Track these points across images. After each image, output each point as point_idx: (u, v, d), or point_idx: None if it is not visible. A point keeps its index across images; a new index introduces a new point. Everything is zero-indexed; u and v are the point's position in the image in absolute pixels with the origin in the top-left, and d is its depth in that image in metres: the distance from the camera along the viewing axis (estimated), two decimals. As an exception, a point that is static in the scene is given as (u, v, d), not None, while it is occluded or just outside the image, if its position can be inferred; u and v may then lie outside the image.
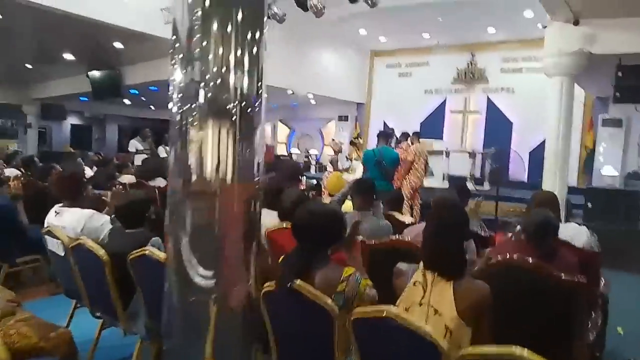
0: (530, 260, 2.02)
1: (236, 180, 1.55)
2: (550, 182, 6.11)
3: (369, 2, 6.49)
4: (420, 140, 7.78)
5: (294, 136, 16.07)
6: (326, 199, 6.25)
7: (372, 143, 13.37)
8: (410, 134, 7.48)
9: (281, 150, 15.67)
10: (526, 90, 11.17)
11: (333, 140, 8.66)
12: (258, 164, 1.68)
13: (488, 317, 1.58)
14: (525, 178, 11.48)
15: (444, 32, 11.34)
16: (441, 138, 12.22)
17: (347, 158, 7.91)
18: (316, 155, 13.96)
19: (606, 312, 2.98)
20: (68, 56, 9.71)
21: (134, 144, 8.04)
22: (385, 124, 13.40)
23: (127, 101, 14.56)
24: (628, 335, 3.71)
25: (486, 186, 10.42)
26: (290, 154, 13.82)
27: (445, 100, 12.76)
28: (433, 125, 12.62)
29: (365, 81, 13.73)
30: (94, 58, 10.07)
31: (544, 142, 6.66)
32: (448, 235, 1.65)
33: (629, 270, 5.49)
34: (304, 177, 6.79)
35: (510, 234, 2.74)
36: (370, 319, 1.49)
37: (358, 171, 7.53)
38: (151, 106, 15.54)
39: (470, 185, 10.72)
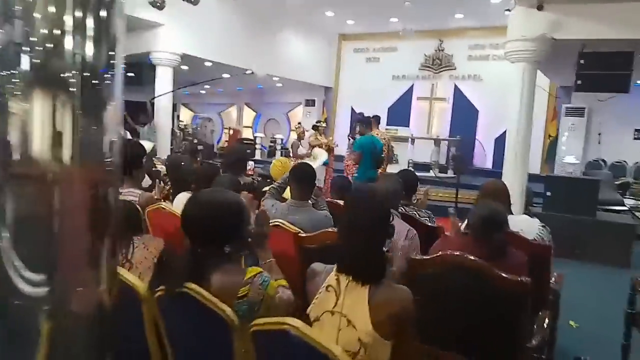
0: (472, 257, 1.81)
1: (77, 162, 1.24)
2: (511, 170, 6.03)
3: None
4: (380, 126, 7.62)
5: (260, 120, 15.70)
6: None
7: (340, 128, 13.21)
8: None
9: (247, 134, 15.27)
10: (493, 78, 11.09)
11: (298, 124, 8.35)
12: (112, 143, 1.38)
13: (411, 329, 1.35)
14: (490, 166, 11.49)
15: (412, 17, 11.08)
16: (408, 125, 12.09)
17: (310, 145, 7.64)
18: (282, 140, 13.65)
19: (557, 308, 2.84)
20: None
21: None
22: (352, 109, 13.18)
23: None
24: (582, 329, 3.63)
25: (450, 174, 10.38)
26: (255, 138, 13.46)
27: (412, 87, 12.60)
28: (400, 112, 12.48)
29: (332, 65, 13.42)
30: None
31: (508, 130, 6.57)
32: (363, 233, 1.41)
33: (585, 260, 5.46)
34: (253, 162, 6.48)
35: (460, 224, 2.55)
36: (272, 331, 1.25)
37: (320, 158, 7.29)
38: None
39: (433, 173, 10.76)
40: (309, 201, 2.65)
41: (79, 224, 1.33)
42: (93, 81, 1.34)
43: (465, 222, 2.26)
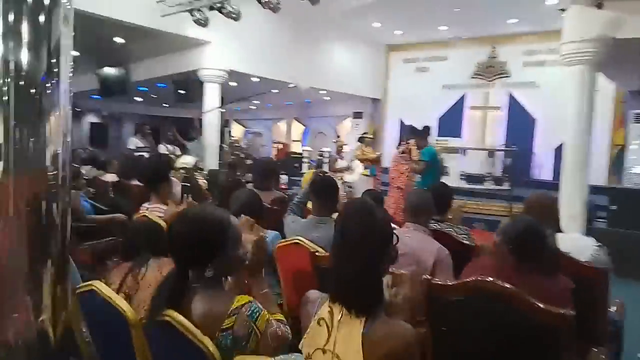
0: (504, 284, 1.57)
1: (12, 174, 1.14)
2: (570, 182, 5.54)
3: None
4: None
5: (309, 134, 15.72)
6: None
7: (388, 140, 12.94)
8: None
9: (296, 148, 15.32)
10: (551, 84, 10.42)
11: (337, 137, 8.24)
12: (57, 155, 1.28)
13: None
14: (549, 177, 10.78)
15: (462, 24, 10.75)
16: (459, 135, 11.66)
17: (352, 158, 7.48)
18: (329, 153, 13.55)
19: (620, 341, 2.49)
20: (73, 52, 9.58)
21: (134, 142, 7.83)
22: (401, 120, 12.91)
23: (138, 99, 14.46)
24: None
25: (506, 186, 9.84)
26: (302, 151, 13.45)
27: (464, 96, 12.14)
28: (451, 122, 12.05)
29: (380, 77, 13.22)
30: (100, 55, 9.95)
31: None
32: (355, 253, 1.22)
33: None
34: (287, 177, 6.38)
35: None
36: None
37: (357, 171, 7.10)
38: (164, 104, 15.43)
39: (489, 185, 10.24)
40: (332, 216, 2.48)
41: (10, 243, 1.25)
42: (32, 91, 1.27)
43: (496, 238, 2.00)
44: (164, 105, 15.41)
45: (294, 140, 16.00)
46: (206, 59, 8.73)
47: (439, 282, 1.70)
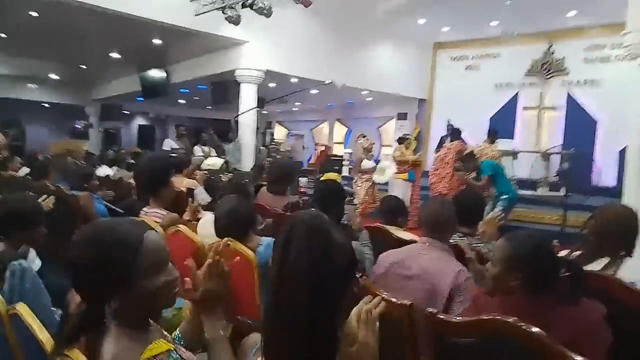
0: (527, 326, 1.18)
1: None
2: (634, 189, 4.90)
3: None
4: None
5: (351, 136, 15.35)
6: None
7: (434, 142, 12.32)
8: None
9: (338, 150, 15.00)
10: (615, 82, 9.49)
11: (364, 137, 7.81)
12: None
13: None
14: (612, 183, 9.84)
15: (515, 18, 10.02)
16: (512, 137, 10.90)
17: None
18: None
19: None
20: (115, 55, 9.80)
21: (169, 143, 7.82)
22: (449, 122, 12.27)
23: (182, 101, 14.66)
24: None
25: (562, 192, 9.05)
26: (344, 154, 13.12)
27: (517, 95, 11.37)
28: (503, 123, 11.24)
29: (426, 76, 12.66)
30: (141, 57, 10.10)
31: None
32: (300, 294, 0.89)
33: None
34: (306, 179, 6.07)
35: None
36: None
37: (388, 172, 6.67)
38: (208, 106, 15.59)
39: (543, 191, 9.48)
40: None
41: None
42: None
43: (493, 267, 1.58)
44: (208, 107, 15.57)
45: (336, 143, 15.69)
46: (242, 59, 8.60)
47: (445, 318, 1.33)
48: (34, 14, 7.51)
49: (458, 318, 1.35)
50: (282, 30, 8.58)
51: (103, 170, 5.65)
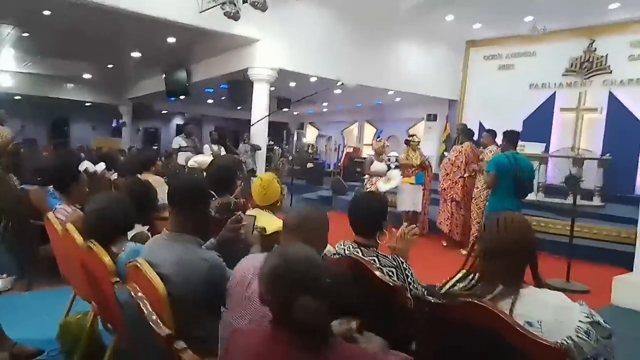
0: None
1: None
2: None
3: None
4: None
5: (380, 137, 14.96)
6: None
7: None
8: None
9: (367, 151, 14.65)
10: (664, 81, 8.66)
11: (378, 138, 7.45)
12: None
13: None
14: (659, 193, 8.96)
15: (552, 13, 9.33)
16: (547, 140, 10.17)
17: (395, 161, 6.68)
18: (396, 157, 12.70)
19: None
20: (136, 54, 9.99)
21: (177, 141, 7.82)
22: (480, 123, 11.64)
23: (210, 101, 14.76)
24: None
25: (596, 201, 8.29)
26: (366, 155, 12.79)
27: (554, 96, 10.60)
28: (538, 125, 10.55)
29: (458, 76, 12.08)
30: (163, 57, 10.24)
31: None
32: None
33: None
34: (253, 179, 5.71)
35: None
36: None
37: (394, 181, 6.30)
38: (239, 106, 15.68)
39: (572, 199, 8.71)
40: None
41: None
42: None
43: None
44: (238, 107, 15.64)
45: (366, 144, 15.34)
46: (255, 58, 8.49)
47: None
48: (47, 12, 7.74)
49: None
50: (297, 28, 8.42)
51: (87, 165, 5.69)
